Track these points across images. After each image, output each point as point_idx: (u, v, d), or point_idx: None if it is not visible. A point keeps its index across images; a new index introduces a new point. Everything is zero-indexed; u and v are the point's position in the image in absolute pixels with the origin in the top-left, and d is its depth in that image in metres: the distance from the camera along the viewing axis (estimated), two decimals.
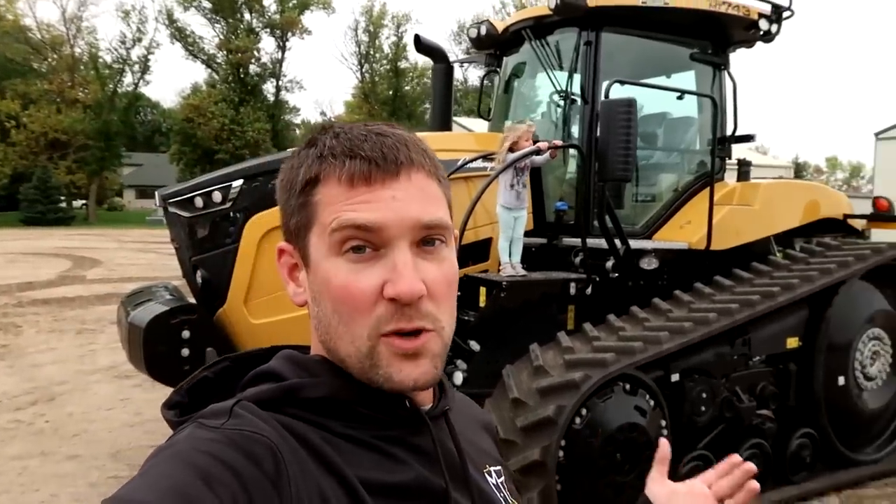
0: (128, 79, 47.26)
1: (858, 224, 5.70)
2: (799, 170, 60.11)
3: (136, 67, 46.86)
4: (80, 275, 15.87)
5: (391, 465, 0.75)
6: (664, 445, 1.04)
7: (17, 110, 40.15)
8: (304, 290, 0.80)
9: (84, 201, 46.92)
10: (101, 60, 46.14)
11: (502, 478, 0.92)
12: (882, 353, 4.88)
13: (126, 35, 45.72)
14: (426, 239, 0.76)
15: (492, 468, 0.91)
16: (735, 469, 1.00)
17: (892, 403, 5.06)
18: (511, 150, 4.13)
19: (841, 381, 4.67)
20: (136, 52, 46.52)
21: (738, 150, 5.54)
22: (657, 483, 1.03)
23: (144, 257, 20.53)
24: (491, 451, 0.96)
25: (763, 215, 5.01)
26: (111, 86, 45.77)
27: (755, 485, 0.99)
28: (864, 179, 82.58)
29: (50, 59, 45.65)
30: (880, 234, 5.92)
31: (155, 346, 3.68)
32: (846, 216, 5.59)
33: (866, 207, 5.99)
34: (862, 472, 4.83)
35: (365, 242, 0.73)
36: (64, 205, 42.00)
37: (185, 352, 3.72)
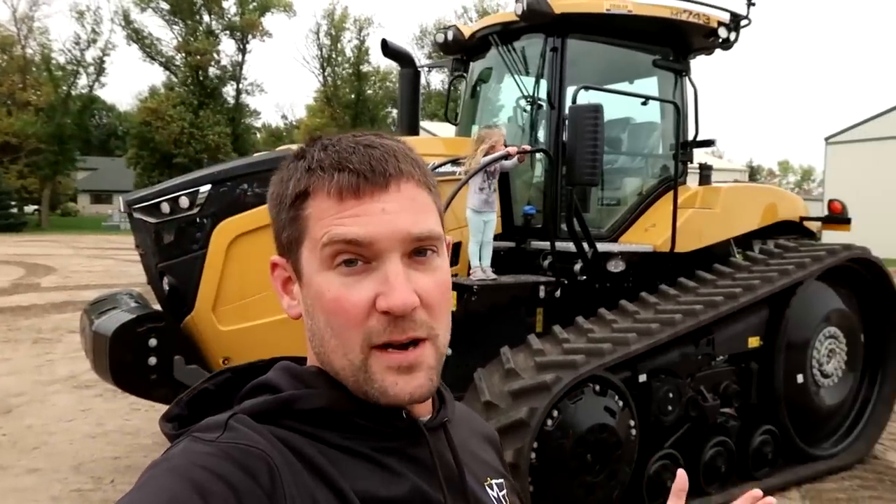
0: (82, 81, 46.12)
1: (813, 226, 5.89)
2: (753, 173, 61.74)
3: (91, 69, 45.77)
4: (35, 282, 15.41)
5: (388, 478, 0.74)
6: (682, 477, 0.98)
7: None
8: (298, 303, 0.80)
9: (36, 207, 45.53)
10: (54, 62, 44.91)
11: (504, 491, 0.90)
12: (837, 350, 5.06)
13: (80, 36, 44.67)
14: (418, 249, 0.75)
15: (493, 481, 0.90)
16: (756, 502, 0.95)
17: (847, 399, 5.24)
18: (485, 154, 4.17)
19: (800, 378, 4.82)
20: (91, 54, 45.45)
21: (698, 155, 5.68)
22: None
23: (101, 264, 20.04)
24: (493, 464, 0.95)
25: (724, 218, 5.15)
26: (65, 88, 44.56)
27: None
28: (815, 183, 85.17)
29: (0, 61, 44.24)
30: (830, 236, 6.13)
31: (121, 355, 3.60)
32: (802, 219, 5.78)
33: (817, 210, 6.20)
34: (820, 467, 4.99)
35: (356, 256, 0.73)
36: (15, 210, 40.72)
37: (153, 360, 3.65)
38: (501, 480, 0.91)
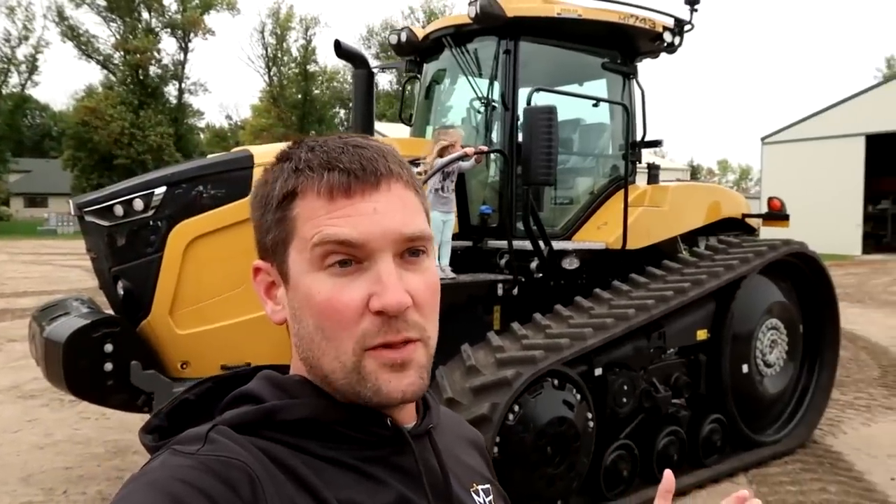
0: (14, 79, 44.27)
1: (755, 223, 6.16)
2: (694, 172, 63.65)
3: (23, 67, 44.01)
4: None
5: (372, 487, 0.73)
6: (669, 478, 0.96)
7: None
8: (283, 308, 0.78)
9: None
10: None
11: (490, 496, 0.89)
12: (779, 341, 5.30)
13: (11, 33, 42.95)
14: (410, 250, 0.75)
15: (479, 486, 0.89)
16: None
17: (788, 388, 5.50)
18: (441, 154, 4.21)
19: (745, 368, 5.04)
20: (23, 51, 43.71)
21: (645, 155, 5.87)
22: None
23: (38, 269, 19.26)
24: (479, 469, 0.94)
25: (672, 216, 5.34)
26: None
27: None
28: (752, 181, 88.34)
29: None
30: (770, 232, 6.42)
31: (76, 362, 3.50)
32: (744, 216, 6.03)
33: (756, 208, 6.48)
34: (765, 453, 5.23)
35: (348, 256, 0.72)
36: None
37: (109, 366, 3.57)
38: (488, 486, 0.90)
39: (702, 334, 4.87)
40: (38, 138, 66.69)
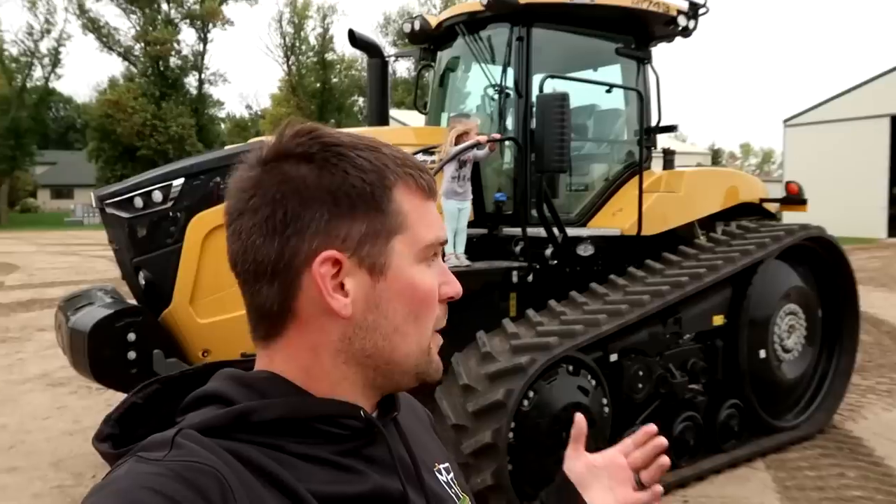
0: (37, 73, 44.77)
1: (772, 207, 6.10)
2: (715, 156, 62.83)
3: (46, 60, 44.43)
4: None
5: (348, 478, 0.74)
6: (580, 422, 1.04)
7: None
8: (352, 301, 0.76)
9: None
10: (6, 53, 43.50)
11: (451, 474, 0.93)
12: (797, 326, 5.27)
13: (33, 26, 43.29)
14: None
15: (441, 465, 0.92)
16: (649, 441, 1.02)
17: (807, 373, 5.47)
18: (456, 143, 4.24)
19: (762, 354, 5.02)
20: (46, 45, 44.11)
21: (662, 140, 5.83)
22: (574, 459, 1.03)
23: (66, 260, 19.65)
24: (437, 448, 0.97)
25: (688, 201, 5.31)
26: (19, 80, 43.26)
27: (665, 460, 1.01)
28: (775, 164, 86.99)
29: None
30: (793, 216, 6.35)
31: (100, 351, 3.60)
32: (762, 200, 5.98)
33: (777, 191, 6.42)
34: (783, 438, 5.21)
35: (435, 252, 0.82)
36: None
37: (132, 355, 3.67)
38: (447, 464, 0.94)
39: (718, 320, 4.85)
40: (62, 131, 67.73)
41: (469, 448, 3.54)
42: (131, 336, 3.68)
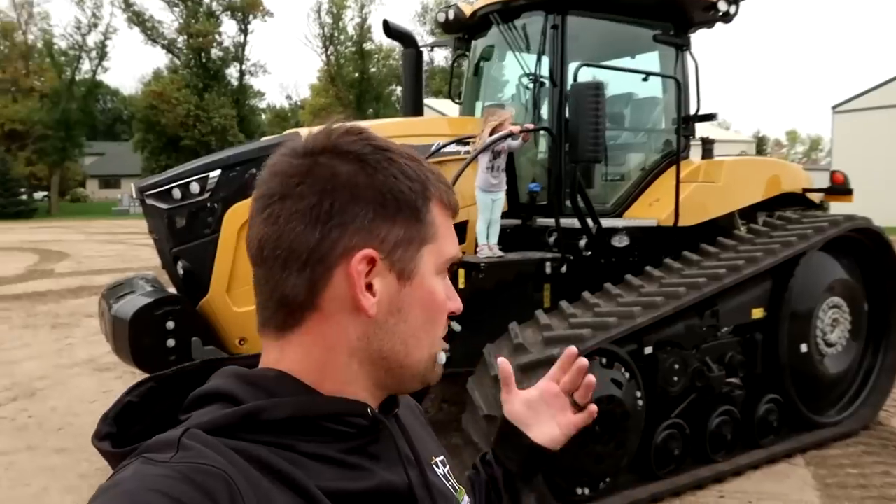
0: (85, 66, 46.07)
1: (816, 197, 5.92)
2: (760, 144, 61.19)
3: (94, 54, 45.67)
4: (49, 268, 15.61)
5: (356, 475, 0.75)
6: (504, 365, 1.13)
7: None
8: (378, 301, 0.77)
9: (46, 193, 45.83)
10: (56, 47, 44.90)
11: (447, 467, 0.94)
12: (841, 320, 5.12)
13: (81, 20, 44.52)
14: None
15: (437, 459, 0.93)
16: (573, 364, 1.07)
17: (851, 368, 5.31)
18: (492, 133, 4.22)
19: (804, 348, 4.90)
20: (93, 38, 45.34)
21: (703, 128, 5.70)
22: (510, 403, 1.10)
23: (113, 249, 20.23)
24: (431, 441, 0.98)
25: (727, 191, 5.19)
26: (68, 73, 44.56)
27: (591, 378, 1.07)
28: (823, 152, 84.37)
29: (2, 47, 44.24)
30: (842, 207, 6.15)
31: (141, 338, 3.71)
32: (805, 190, 5.81)
33: (825, 180, 6.22)
34: (825, 434, 5.08)
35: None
36: (25, 197, 40.98)
37: (171, 342, 3.76)
38: (442, 457, 0.95)
39: (758, 313, 4.75)
40: (110, 122, 69.52)
41: None
42: (170, 324, 3.78)
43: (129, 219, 34.34)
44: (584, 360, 1.06)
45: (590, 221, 4.48)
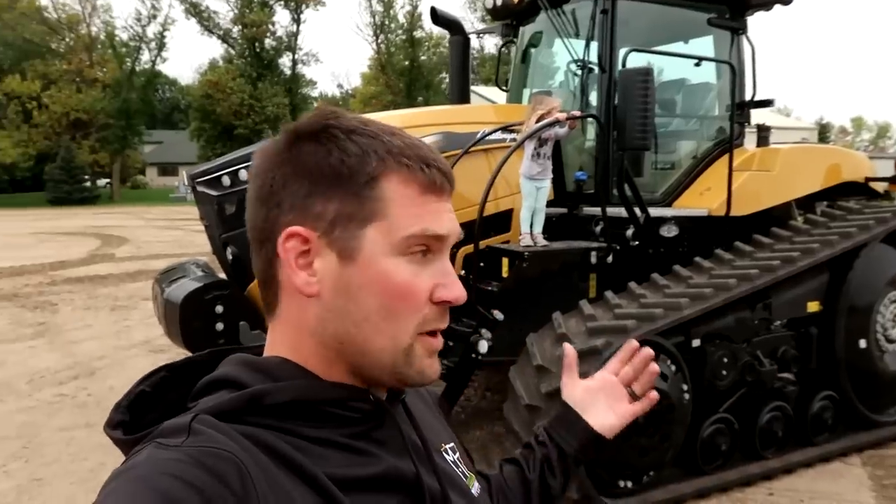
0: (145, 56, 47.47)
1: (880, 186, 5.66)
2: (823, 131, 58.85)
3: (153, 45, 47.01)
4: (110, 253, 16.22)
5: (362, 460, 0.75)
6: (569, 351, 1.17)
7: (38, 91, 40.66)
8: (318, 281, 0.76)
9: (108, 180, 47.55)
10: (117, 39, 46.38)
11: (457, 453, 0.94)
12: None
13: (141, 12, 45.90)
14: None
15: (447, 446, 0.93)
16: (635, 354, 1.12)
17: None
18: (539, 121, 4.17)
19: (862, 343, 4.70)
20: (152, 30, 46.72)
21: (760, 114, 5.50)
22: (570, 387, 1.14)
23: (170, 234, 20.87)
24: (442, 428, 0.98)
25: (783, 180, 5.01)
26: (129, 64, 45.99)
27: (655, 368, 1.11)
28: (892, 140, 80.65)
29: (67, 39, 45.92)
30: None
31: (191, 322, 3.82)
32: (868, 179, 5.56)
33: (891, 169, 5.93)
34: (884, 434, 4.88)
35: (428, 248, 0.78)
36: (89, 184, 42.61)
37: (220, 326, 3.86)
38: (453, 444, 0.95)
39: (813, 306, 4.58)
40: (168, 111, 71.57)
41: None
42: (219, 308, 3.88)
43: (186, 205, 35.31)
44: (649, 350, 1.12)
45: (637, 211, 4.39)
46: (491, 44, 45.57)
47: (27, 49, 43.29)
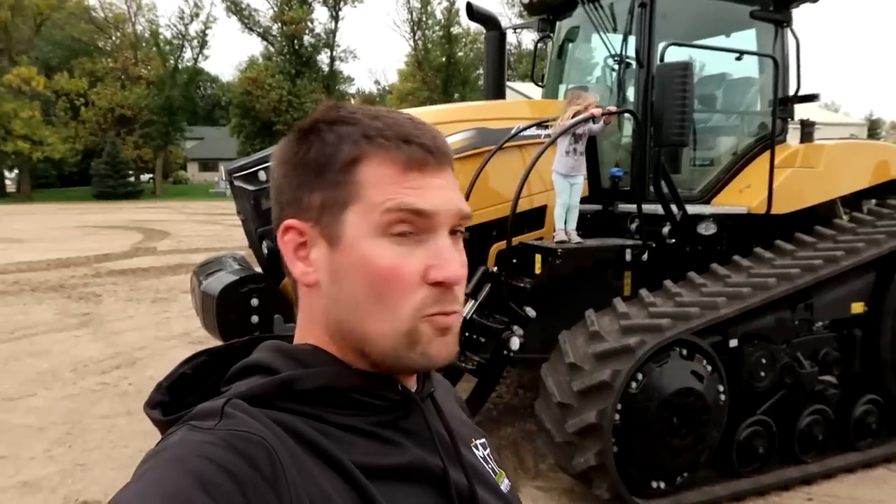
0: (187, 54, 48.51)
1: None
2: (873, 127, 57.04)
3: (195, 42, 48.03)
4: (152, 246, 16.61)
5: (388, 449, 0.75)
6: None
7: (85, 88, 41.82)
8: (315, 270, 0.78)
9: (151, 175, 48.68)
10: (161, 37, 47.47)
11: (487, 450, 0.93)
12: None
13: (184, 11, 47.17)
14: (454, 229, 0.78)
15: (477, 441, 0.93)
16: None
17: None
18: (574, 117, 4.13)
19: None
20: (195, 28, 47.65)
21: (806, 109, 5.35)
22: None
23: (210, 229, 21.26)
24: (471, 424, 0.98)
25: (827, 177, 4.86)
26: (172, 61, 47.00)
27: None
28: None
29: (113, 38, 47.12)
30: None
31: (227, 314, 3.88)
32: None
33: None
34: None
35: (412, 227, 0.75)
36: (132, 179, 43.69)
37: (255, 318, 3.92)
38: (483, 440, 0.95)
39: (858, 307, 4.45)
40: (209, 108, 72.84)
41: (573, 427, 3.50)
42: (254, 301, 3.94)
43: (226, 200, 35.91)
44: None
45: (674, 208, 4.31)
46: (528, 39, 45.29)
47: (75, 47, 44.61)
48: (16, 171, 44.56)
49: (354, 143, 0.76)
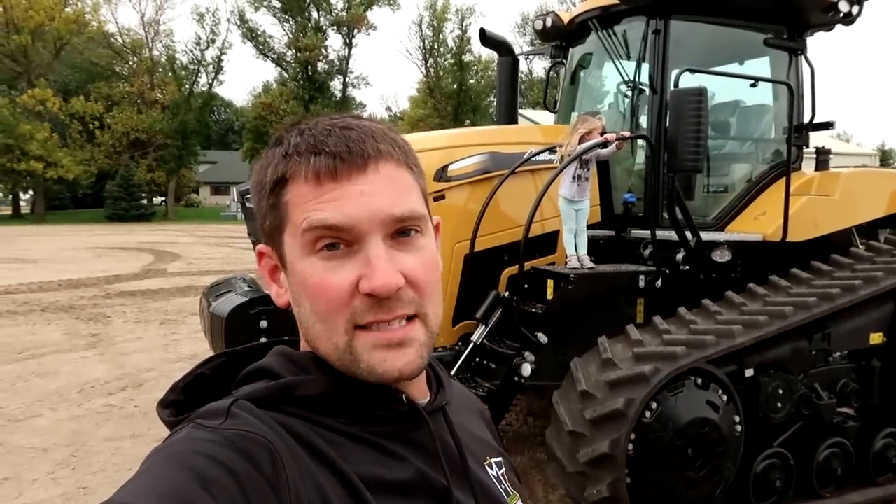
0: (203, 79, 49.18)
1: None
2: (885, 157, 56.84)
3: (211, 68, 48.76)
4: (162, 268, 16.67)
5: (391, 462, 0.74)
6: None
7: (102, 111, 42.44)
8: (286, 291, 0.80)
9: (163, 198, 49.11)
10: (177, 62, 48.19)
11: (503, 469, 0.91)
12: None
13: (200, 37, 47.77)
14: (401, 230, 0.75)
15: (492, 460, 0.90)
16: None
17: None
18: (581, 141, 4.11)
19: None
20: (210, 53, 48.41)
21: (819, 139, 5.31)
22: None
23: (220, 252, 21.34)
24: (490, 441, 0.95)
25: (843, 205, 4.81)
26: (187, 86, 47.68)
27: None
28: None
29: (131, 63, 47.89)
30: None
31: (236, 336, 3.85)
32: None
33: None
34: None
35: (337, 240, 0.73)
36: (145, 201, 44.09)
37: (264, 340, 3.85)
38: (500, 458, 0.92)
39: (876, 338, 4.36)
40: (223, 132, 73.67)
41: (585, 457, 3.41)
42: (263, 323, 3.91)
43: (237, 223, 36.13)
44: None
45: (688, 234, 4.26)
46: (539, 67, 45.71)
47: (93, 72, 45.33)
48: (30, 192, 45.07)
49: (276, 165, 0.76)
